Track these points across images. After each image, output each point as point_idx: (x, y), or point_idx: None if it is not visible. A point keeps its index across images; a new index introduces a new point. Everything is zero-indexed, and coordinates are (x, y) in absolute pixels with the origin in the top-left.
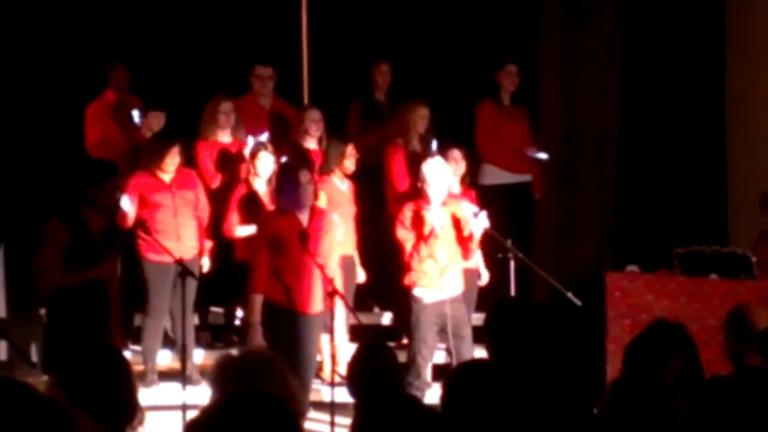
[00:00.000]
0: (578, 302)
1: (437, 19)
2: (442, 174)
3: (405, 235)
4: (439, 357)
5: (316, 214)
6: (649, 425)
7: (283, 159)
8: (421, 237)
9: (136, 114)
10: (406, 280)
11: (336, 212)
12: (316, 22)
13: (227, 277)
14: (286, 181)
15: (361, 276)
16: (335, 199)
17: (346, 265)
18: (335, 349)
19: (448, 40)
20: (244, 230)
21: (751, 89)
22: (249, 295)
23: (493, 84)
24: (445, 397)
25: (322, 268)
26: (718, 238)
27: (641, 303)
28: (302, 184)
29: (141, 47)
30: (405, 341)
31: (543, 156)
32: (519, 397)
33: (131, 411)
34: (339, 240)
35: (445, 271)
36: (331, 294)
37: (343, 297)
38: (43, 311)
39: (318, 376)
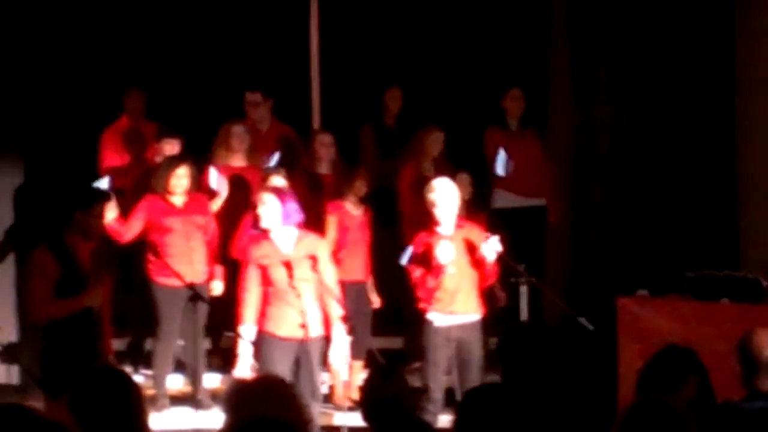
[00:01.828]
0: (590, 326)
1: (446, 44)
2: (448, 194)
3: (412, 265)
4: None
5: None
6: None
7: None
8: (429, 269)
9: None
10: (419, 305)
11: (347, 238)
12: (326, 48)
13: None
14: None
15: (375, 302)
16: (346, 225)
17: (358, 290)
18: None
19: (457, 66)
20: None
21: (762, 112)
22: (238, 326)
23: (499, 110)
24: (457, 421)
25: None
26: (730, 263)
27: (652, 327)
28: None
29: (155, 72)
30: (417, 365)
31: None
32: (531, 421)
33: None
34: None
35: (456, 296)
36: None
37: (348, 321)
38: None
39: (331, 400)
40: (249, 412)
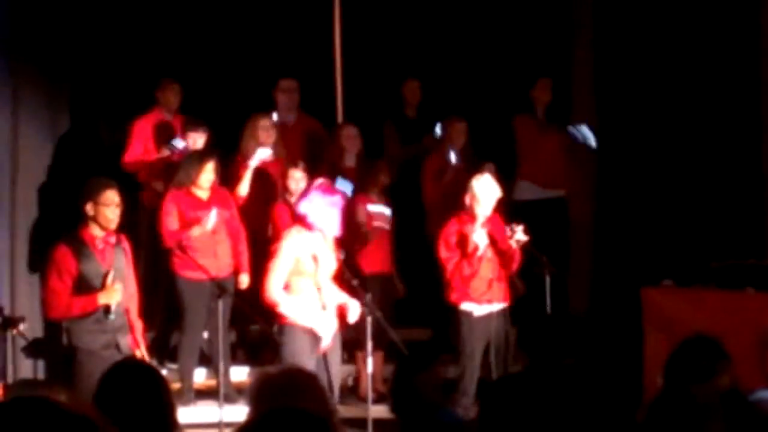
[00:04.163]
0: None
1: (467, 34)
2: (492, 191)
3: (448, 255)
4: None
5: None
6: None
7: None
8: (465, 256)
9: (177, 142)
10: (452, 297)
11: (374, 229)
12: (349, 41)
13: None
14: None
15: (399, 290)
16: (375, 217)
17: (383, 281)
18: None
19: (478, 58)
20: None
21: None
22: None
23: (527, 100)
24: (480, 411)
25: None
26: (755, 252)
27: (677, 317)
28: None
29: (177, 65)
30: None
31: (588, 136)
32: (555, 410)
33: (170, 429)
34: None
35: (493, 284)
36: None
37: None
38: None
39: (357, 392)
40: (273, 404)
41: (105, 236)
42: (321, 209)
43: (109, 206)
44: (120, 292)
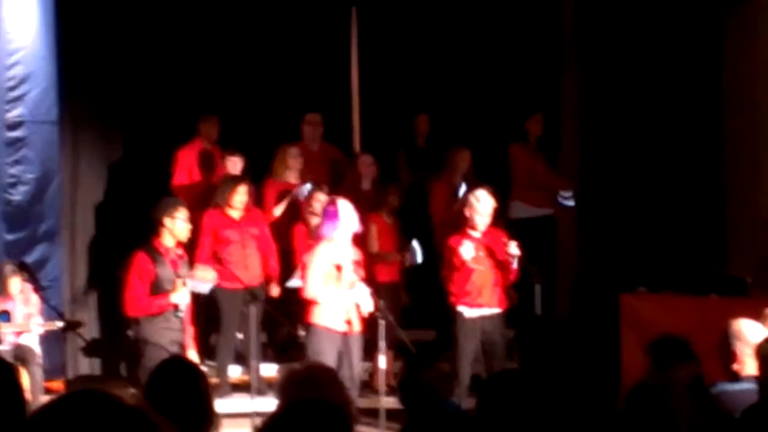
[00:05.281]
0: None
1: (471, 76)
2: (488, 200)
3: (446, 266)
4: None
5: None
6: (659, 427)
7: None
8: (456, 267)
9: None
10: (451, 299)
11: (384, 244)
12: (365, 80)
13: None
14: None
15: (404, 299)
16: (384, 233)
17: (390, 289)
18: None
19: (479, 94)
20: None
21: (749, 111)
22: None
23: (521, 131)
24: (478, 403)
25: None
26: (718, 263)
27: (650, 320)
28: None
29: (223, 102)
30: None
31: (570, 203)
32: (544, 402)
33: (209, 418)
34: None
35: (483, 291)
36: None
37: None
38: (130, 332)
39: (371, 386)
40: (298, 395)
41: (174, 247)
42: (340, 227)
43: (183, 220)
44: (188, 294)
